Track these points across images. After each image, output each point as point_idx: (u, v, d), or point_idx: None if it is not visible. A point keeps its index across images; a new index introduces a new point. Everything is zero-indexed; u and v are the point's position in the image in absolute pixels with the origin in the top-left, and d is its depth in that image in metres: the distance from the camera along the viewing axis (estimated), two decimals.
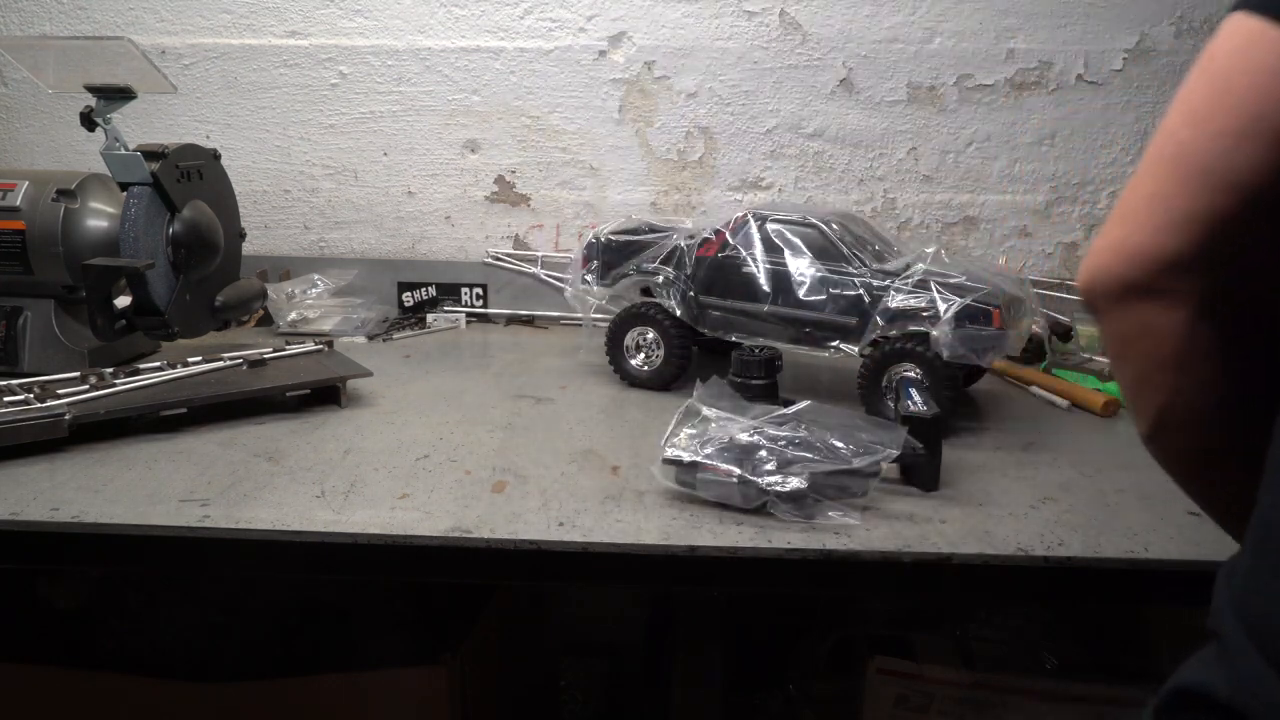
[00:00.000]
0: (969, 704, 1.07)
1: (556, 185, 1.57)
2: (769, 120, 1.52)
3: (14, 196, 1.10)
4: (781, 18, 1.48)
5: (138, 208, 1.06)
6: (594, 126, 1.54)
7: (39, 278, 1.11)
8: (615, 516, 0.80)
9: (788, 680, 1.22)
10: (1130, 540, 0.77)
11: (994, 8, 1.46)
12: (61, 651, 1.14)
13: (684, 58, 1.50)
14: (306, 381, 1.06)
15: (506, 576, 0.80)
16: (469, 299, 1.57)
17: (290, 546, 0.76)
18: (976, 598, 1.08)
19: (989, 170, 1.53)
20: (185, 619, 1.21)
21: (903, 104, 1.50)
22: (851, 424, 0.85)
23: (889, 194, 1.55)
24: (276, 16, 1.51)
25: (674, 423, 0.86)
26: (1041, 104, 1.49)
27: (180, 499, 0.81)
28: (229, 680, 1.05)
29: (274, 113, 1.55)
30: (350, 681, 1.06)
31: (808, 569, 0.75)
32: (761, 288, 1.10)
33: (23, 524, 0.77)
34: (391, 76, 1.53)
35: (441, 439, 0.98)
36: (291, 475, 0.87)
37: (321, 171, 1.58)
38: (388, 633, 1.20)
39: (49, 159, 1.57)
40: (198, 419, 0.99)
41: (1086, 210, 1.54)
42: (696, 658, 1.04)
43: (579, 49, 1.51)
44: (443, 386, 1.19)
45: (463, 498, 0.83)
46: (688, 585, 0.77)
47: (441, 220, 1.59)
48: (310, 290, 1.48)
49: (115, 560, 0.79)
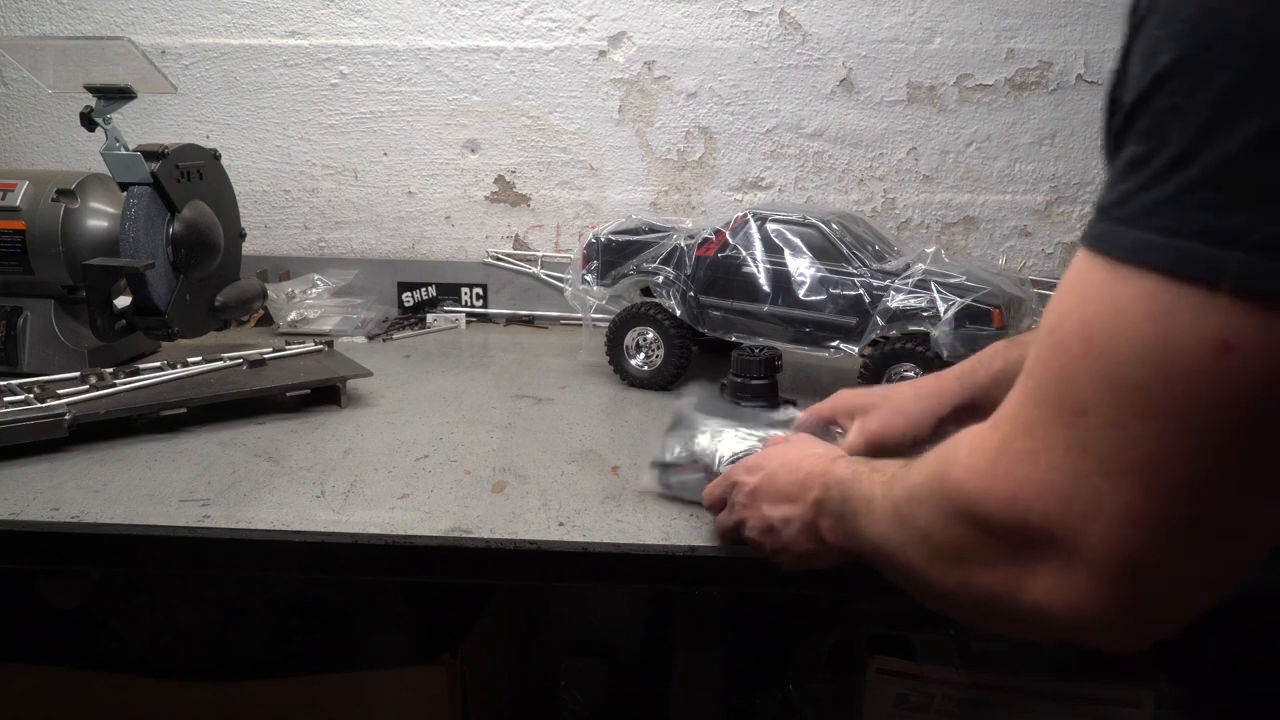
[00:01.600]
0: (969, 704, 1.06)
1: (556, 185, 1.57)
2: (769, 120, 1.52)
3: (14, 196, 1.09)
4: (781, 18, 1.48)
5: (138, 208, 1.06)
6: (594, 126, 1.54)
7: (39, 278, 1.11)
8: (615, 516, 0.80)
9: (787, 680, 1.21)
10: None
11: (994, 8, 1.46)
12: (61, 651, 1.14)
13: (684, 58, 1.50)
14: (306, 381, 1.06)
15: (506, 576, 0.79)
16: (469, 299, 1.57)
17: (290, 546, 0.76)
18: None
19: (989, 170, 1.53)
20: (185, 619, 1.21)
21: (903, 104, 1.50)
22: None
23: (889, 194, 1.54)
24: (276, 16, 1.51)
25: (665, 431, 0.86)
26: (1041, 104, 1.49)
27: (180, 499, 0.81)
28: (229, 680, 1.05)
29: (274, 113, 1.55)
30: (350, 681, 1.06)
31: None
32: (761, 288, 1.10)
33: (23, 524, 0.76)
34: (391, 76, 1.53)
35: (441, 439, 0.98)
36: (291, 475, 0.87)
37: (321, 171, 1.58)
38: (388, 633, 1.20)
39: (49, 159, 1.57)
40: (198, 419, 0.99)
41: (1086, 210, 1.54)
42: (696, 658, 1.03)
43: (579, 49, 1.51)
44: (443, 386, 1.19)
45: (463, 498, 0.83)
46: (688, 585, 0.78)
47: (441, 220, 1.59)
48: (310, 290, 1.48)
49: (115, 560, 0.79)
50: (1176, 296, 0.36)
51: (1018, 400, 0.43)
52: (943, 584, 0.47)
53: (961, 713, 1.07)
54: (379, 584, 1.23)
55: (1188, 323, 0.36)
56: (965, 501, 0.44)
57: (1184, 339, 0.36)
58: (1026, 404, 0.42)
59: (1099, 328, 0.38)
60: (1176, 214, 0.36)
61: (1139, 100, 0.38)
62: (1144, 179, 0.38)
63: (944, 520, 0.45)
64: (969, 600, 0.46)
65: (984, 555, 0.43)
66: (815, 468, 0.63)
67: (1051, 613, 0.41)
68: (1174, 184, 0.36)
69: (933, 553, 0.47)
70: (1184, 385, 0.36)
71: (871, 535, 0.54)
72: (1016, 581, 0.42)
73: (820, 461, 0.63)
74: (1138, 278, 0.37)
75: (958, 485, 0.44)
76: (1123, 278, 0.38)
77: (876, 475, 0.55)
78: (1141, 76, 0.38)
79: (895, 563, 0.51)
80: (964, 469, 0.44)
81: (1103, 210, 0.40)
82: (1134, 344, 0.37)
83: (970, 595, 0.46)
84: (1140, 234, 0.37)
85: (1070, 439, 0.39)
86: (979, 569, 0.44)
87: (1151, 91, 0.37)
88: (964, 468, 0.44)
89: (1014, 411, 0.43)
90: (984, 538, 0.43)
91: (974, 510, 0.43)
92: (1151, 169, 0.37)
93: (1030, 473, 0.40)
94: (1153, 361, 0.37)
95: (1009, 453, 0.42)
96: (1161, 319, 0.36)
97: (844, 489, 0.58)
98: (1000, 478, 0.42)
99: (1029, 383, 0.42)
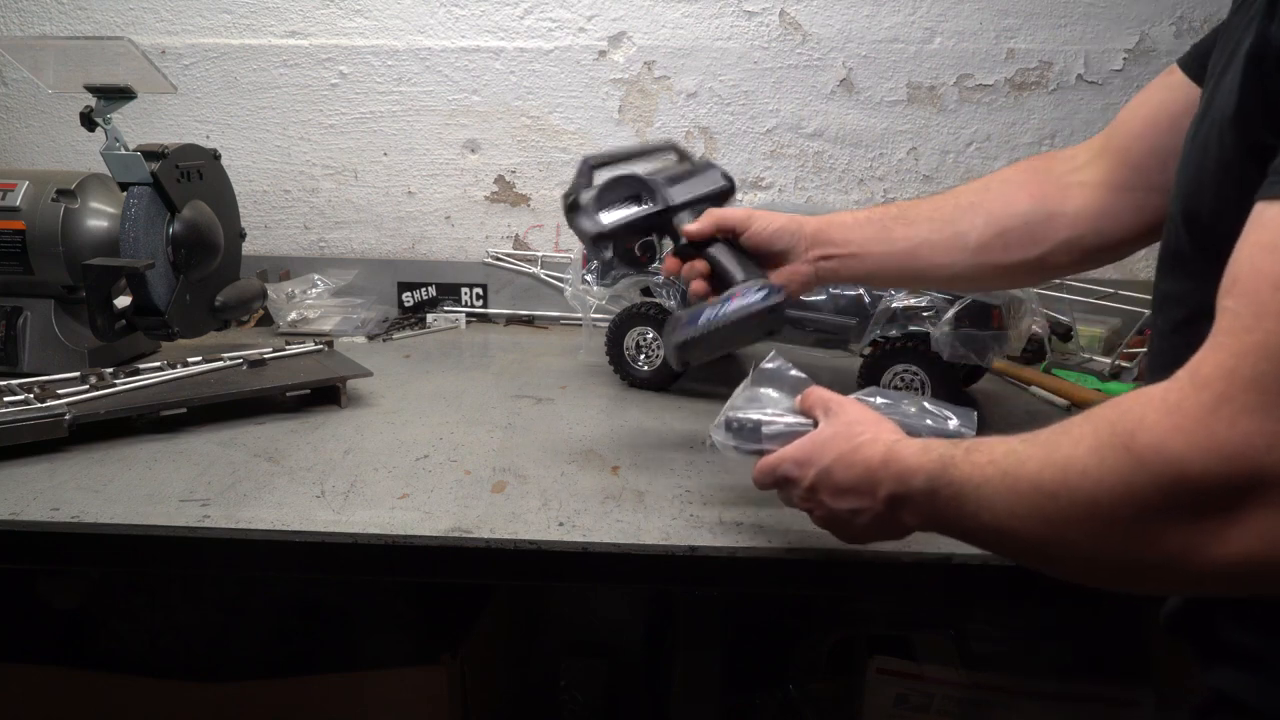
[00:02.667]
0: (969, 704, 1.07)
1: (556, 185, 1.56)
2: (769, 120, 1.52)
3: (14, 196, 1.09)
4: (781, 18, 1.48)
5: (138, 208, 1.06)
6: (594, 126, 1.54)
7: (39, 278, 1.11)
8: (615, 516, 0.80)
9: (787, 680, 1.21)
10: None
11: (994, 8, 1.46)
12: (61, 651, 1.14)
13: (684, 58, 1.50)
14: (306, 381, 1.06)
15: (506, 576, 0.79)
16: (469, 299, 1.57)
17: (290, 546, 0.76)
18: (976, 598, 1.08)
19: (989, 170, 1.53)
20: (185, 619, 1.21)
21: (903, 104, 1.50)
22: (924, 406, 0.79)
23: (889, 194, 1.54)
24: (276, 16, 1.51)
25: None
26: (1041, 104, 1.50)
27: (180, 499, 0.81)
28: (229, 680, 1.05)
29: (274, 113, 1.55)
30: (350, 681, 1.06)
31: (808, 569, 0.75)
32: None
33: (23, 524, 0.76)
34: (391, 76, 1.53)
35: (441, 439, 0.98)
36: (291, 475, 0.87)
37: (321, 171, 1.58)
38: (388, 633, 1.20)
39: (49, 159, 1.57)
40: (198, 419, 0.99)
41: None
42: (696, 658, 1.04)
43: (579, 49, 1.51)
44: (443, 386, 1.19)
45: (463, 498, 0.83)
46: (688, 585, 0.77)
47: (441, 220, 1.59)
48: (310, 290, 1.48)
49: (115, 560, 0.79)
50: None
51: (1231, 356, 0.42)
52: (1110, 552, 0.47)
53: (961, 713, 1.07)
54: (379, 584, 1.23)
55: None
56: (1168, 463, 0.43)
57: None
58: (1248, 359, 0.42)
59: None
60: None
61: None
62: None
63: (1127, 487, 0.45)
64: (1140, 564, 0.46)
65: (1180, 514, 0.43)
66: (874, 458, 0.61)
67: (1255, 560, 0.42)
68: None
69: (1106, 522, 0.46)
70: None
71: (988, 520, 0.53)
72: (1215, 535, 0.42)
73: (878, 449, 0.62)
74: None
75: (1154, 447, 0.43)
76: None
77: (976, 457, 0.54)
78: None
79: (1029, 540, 0.51)
80: (1164, 430, 0.43)
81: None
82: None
83: (1147, 558, 0.46)
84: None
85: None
86: (1171, 529, 0.44)
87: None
88: (1164, 429, 0.43)
89: (1230, 366, 0.42)
90: (1185, 497, 0.43)
91: (1180, 471, 0.43)
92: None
93: (1262, 425, 0.41)
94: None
95: (1230, 409, 0.41)
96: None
97: (931, 480, 0.57)
98: (1219, 434, 0.42)
99: (1248, 338, 0.42)
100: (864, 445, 0.63)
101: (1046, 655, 1.12)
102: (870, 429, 0.64)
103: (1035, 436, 0.52)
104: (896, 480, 0.59)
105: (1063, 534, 0.49)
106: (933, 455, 0.57)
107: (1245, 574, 0.44)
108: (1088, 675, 1.08)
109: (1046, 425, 0.53)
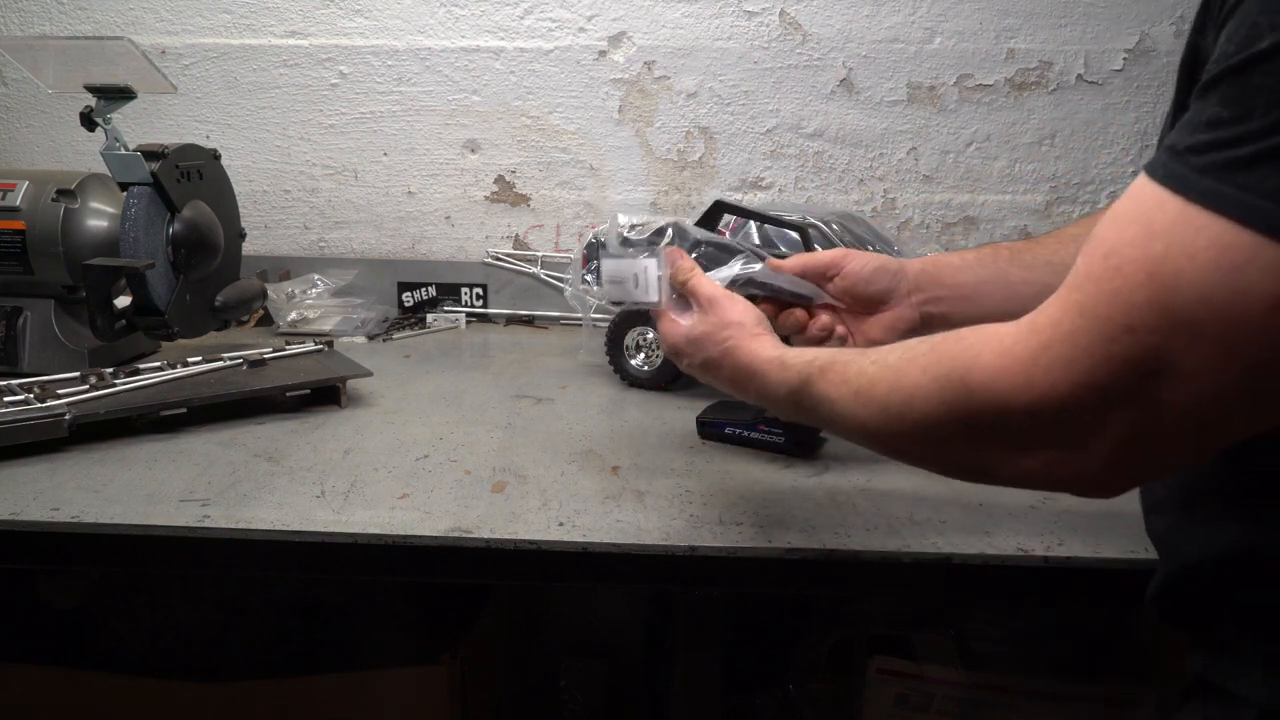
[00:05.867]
0: (969, 704, 1.07)
1: (556, 185, 1.57)
2: (769, 120, 1.52)
3: (14, 196, 1.10)
4: (781, 18, 1.48)
5: (138, 208, 1.06)
6: (594, 126, 1.54)
7: (39, 278, 1.11)
8: (615, 516, 0.80)
9: (787, 680, 1.21)
10: (1130, 540, 0.77)
11: (994, 8, 1.46)
12: (61, 651, 1.14)
13: (684, 58, 1.50)
14: (306, 381, 1.06)
15: (506, 576, 0.79)
16: (469, 299, 1.57)
17: (290, 546, 0.76)
18: (976, 598, 1.08)
19: (989, 170, 1.53)
20: (185, 619, 1.21)
21: (903, 104, 1.50)
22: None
23: (889, 194, 1.55)
24: (276, 16, 1.51)
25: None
26: (1041, 104, 1.50)
27: (180, 499, 0.81)
28: (229, 680, 1.05)
29: (274, 113, 1.55)
30: (350, 681, 1.06)
31: (808, 569, 0.75)
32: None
33: (23, 524, 0.76)
34: (391, 76, 1.53)
35: (441, 439, 0.98)
36: (291, 475, 0.87)
37: (321, 171, 1.58)
38: (388, 633, 1.20)
39: (49, 159, 1.57)
40: (198, 419, 0.99)
41: (1086, 210, 1.54)
42: (696, 658, 1.04)
43: (579, 49, 1.51)
44: (443, 386, 1.19)
45: (463, 498, 0.83)
46: (688, 585, 0.78)
47: (441, 220, 1.59)
48: (310, 290, 1.48)
49: (115, 560, 0.79)
50: (1248, 249, 0.39)
51: (1059, 310, 0.47)
52: (937, 460, 0.57)
53: (961, 713, 1.07)
54: (379, 584, 1.23)
55: (1255, 277, 0.39)
56: (993, 400, 0.49)
57: (1249, 290, 0.40)
58: (1070, 314, 0.46)
59: (1167, 267, 0.42)
60: (1254, 176, 0.40)
61: (1229, 71, 0.42)
62: (1225, 138, 0.41)
63: (958, 416, 0.51)
64: (959, 469, 0.56)
65: (993, 440, 0.51)
66: (740, 366, 0.69)
67: (1047, 477, 0.50)
68: (1252, 150, 0.40)
69: (937, 442, 0.54)
70: (1238, 329, 0.40)
71: (842, 429, 0.62)
72: (1014, 459, 0.50)
73: (742, 359, 0.69)
74: (1213, 224, 0.40)
75: (985, 385, 0.49)
76: (1196, 222, 0.41)
77: (831, 376, 0.62)
78: (1236, 53, 0.41)
79: (874, 444, 0.61)
80: (993, 371, 0.49)
81: (1177, 152, 0.43)
82: (1198, 287, 0.41)
83: (963, 465, 0.55)
84: (1214, 184, 0.41)
85: (1111, 351, 0.44)
86: (984, 449, 0.52)
87: (1243, 67, 0.41)
88: (993, 370, 0.49)
89: (1054, 319, 0.47)
90: (1000, 429, 0.49)
91: (1003, 408, 0.48)
92: (1233, 132, 0.41)
93: (1069, 375, 0.45)
94: (1214, 304, 0.40)
95: (1047, 356, 0.46)
96: (1230, 271, 0.40)
97: (792, 394, 0.65)
98: (1036, 379, 0.46)
99: (1074, 295, 0.46)
100: (730, 351, 0.70)
101: (1046, 655, 1.12)
102: (734, 333, 0.71)
103: (885, 358, 0.58)
104: (759, 393, 0.69)
105: (903, 446, 0.58)
106: (791, 374, 0.65)
107: (1023, 482, 0.52)
108: (1088, 675, 1.08)
109: None
